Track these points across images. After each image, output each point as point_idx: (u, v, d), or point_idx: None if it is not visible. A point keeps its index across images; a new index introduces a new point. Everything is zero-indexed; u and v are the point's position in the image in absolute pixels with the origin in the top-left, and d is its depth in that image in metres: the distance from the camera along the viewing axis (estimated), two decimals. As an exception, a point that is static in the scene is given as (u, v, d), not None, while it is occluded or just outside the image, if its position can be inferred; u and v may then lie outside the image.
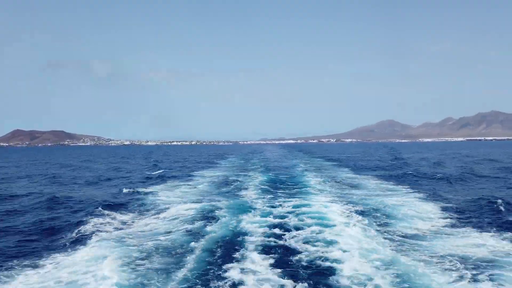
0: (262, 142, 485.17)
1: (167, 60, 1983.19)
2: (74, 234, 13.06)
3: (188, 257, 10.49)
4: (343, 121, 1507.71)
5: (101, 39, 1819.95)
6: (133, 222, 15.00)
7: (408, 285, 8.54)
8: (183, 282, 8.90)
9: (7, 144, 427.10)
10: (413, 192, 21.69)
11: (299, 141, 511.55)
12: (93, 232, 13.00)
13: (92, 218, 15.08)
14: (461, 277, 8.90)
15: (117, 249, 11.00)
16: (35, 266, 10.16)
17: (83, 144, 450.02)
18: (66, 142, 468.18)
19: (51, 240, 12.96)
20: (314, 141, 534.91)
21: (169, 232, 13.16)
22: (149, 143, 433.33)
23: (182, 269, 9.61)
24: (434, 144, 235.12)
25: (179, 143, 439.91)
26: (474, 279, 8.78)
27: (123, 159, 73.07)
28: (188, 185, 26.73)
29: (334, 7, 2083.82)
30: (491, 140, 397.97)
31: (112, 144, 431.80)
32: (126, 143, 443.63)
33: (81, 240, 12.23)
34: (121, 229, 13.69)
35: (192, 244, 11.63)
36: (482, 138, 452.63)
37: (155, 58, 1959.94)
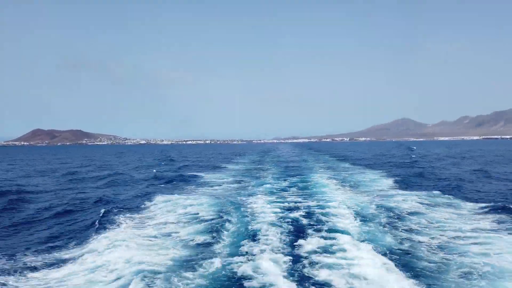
0: (275, 141, 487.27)
1: (183, 60, 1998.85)
2: (90, 232, 13.15)
3: (204, 254, 10.61)
4: (357, 119, 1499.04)
5: (118, 39, 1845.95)
6: (151, 219, 15.04)
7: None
8: (201, 279, 8.91)
9: (27, 143, 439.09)
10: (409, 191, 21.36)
11: (312, 140, 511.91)
12: (107, 231, 13.01)
13: (110, 216, 15.16)
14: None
15: (133, 248, 11.01)
16: (53, 264, 10.33)
17: (100, 143, 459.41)
18: (84, 141, 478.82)
19: (69, 237, 13.27)
20: (328, 140, 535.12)
21: (186, 230, 13.28)
22: (164, 142, 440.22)
23: (198, 268, 9.56)
24: (449, 143, 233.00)
25: (193, 142, 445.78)
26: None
27: (159, 156, 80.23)
28: (207, 181, 28.43)
29: (349, 2, 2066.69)
30: (509, 138, 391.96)
31: (128, 143, 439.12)
32: (141, 142, 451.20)
33: (96, 238, 12.20)
34: (137, 227, 13.68)
35: (209, 240, 11.99)
36: (499, 136, 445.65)
37: (171, 58, 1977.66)
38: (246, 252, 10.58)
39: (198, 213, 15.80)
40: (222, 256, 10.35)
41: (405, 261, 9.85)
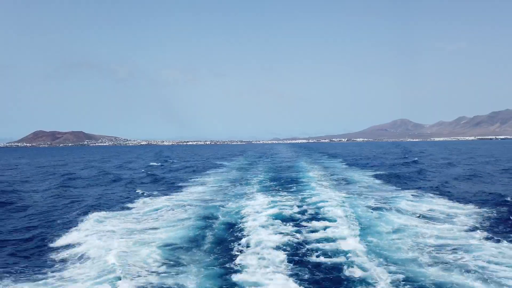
0: (274, 141, 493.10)
1: (183, 61, 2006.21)
2: (75, 232, 13.23)
3: (195, 252, 10.92)
4: (356, 120, 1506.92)
5: (118, 40, 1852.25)
6: (140, 218, 15.48)
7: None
8: (191, 277, 9.04)
9: (30, 145, 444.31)
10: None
11: (310, 141, 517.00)
12: (94, 230, 13.29)
13: (95, 215, 15.51)
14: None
15: (122, 245, 11.24)
16: (37, 265, 10.34)
17: (102, 144, 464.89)
18: (86, 142, 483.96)
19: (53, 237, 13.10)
20: (326, 140, 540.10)
21: (176, 227, 13.62)
22: (165, 143, 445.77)
23: (188, 266, 9.77)
24: (444, 143, 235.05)
25: (194, 143, 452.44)
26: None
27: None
28: (197, 181, 29.12)
29: (347, 4, 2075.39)
30: (503, 139, 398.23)
31: (130, 144, 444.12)
32: (142, 143, 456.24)
33: (81, 239, 12.34)
34: (127, 227, 13.93)
35: (200, 237, 12.33)
36: (493, 137, 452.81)
37: (171, 59, 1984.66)
38: (235, 252, 10.76)
39: (185, 213, 16.14)
40: (207, 258, 10.40)
41: (395, 259, 9.97)
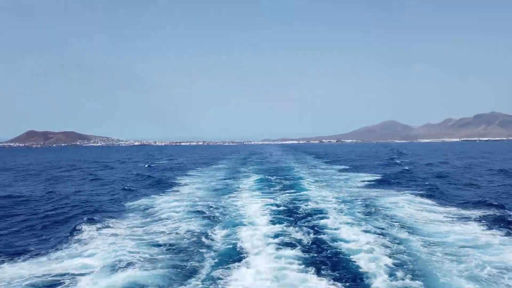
0: (265, 142, 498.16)
1: (176, 63, 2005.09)
2: (68, 237, 13.02)
3: (190, 253, 11.02)
4: (346, 121, 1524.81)
5: (109, 41, 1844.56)
6: (131, 223, 15.10)
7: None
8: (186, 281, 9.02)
9: (23, 145, 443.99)
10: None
11: (301, 142, 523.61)
12: (84, 235, 13.07)
13: (87, 220, 15.17)
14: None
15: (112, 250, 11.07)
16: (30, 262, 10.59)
17: (94, 144, 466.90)
18: (78, 143, 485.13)
19: (48, 238, 13.29)
20: (316, 141, 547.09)
21: (169, 233, 13.35)
22: (158, 144, 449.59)
23: (183, 268, 9.79)
24: (429, 144, 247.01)
25: (186, 144, 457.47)
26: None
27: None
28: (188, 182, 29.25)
29: (336, 7, 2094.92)
30: (486, 140, 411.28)
31: (122, 145, 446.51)
32: (135, 143, 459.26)
33: (74, 243, 12.24)
34: (116, 233, 13.47)
35: (194, 239, 12.33)
36: (477, 138, 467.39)
37: (165, 61, 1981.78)
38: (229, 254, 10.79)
39: (173, 215, 16.30)
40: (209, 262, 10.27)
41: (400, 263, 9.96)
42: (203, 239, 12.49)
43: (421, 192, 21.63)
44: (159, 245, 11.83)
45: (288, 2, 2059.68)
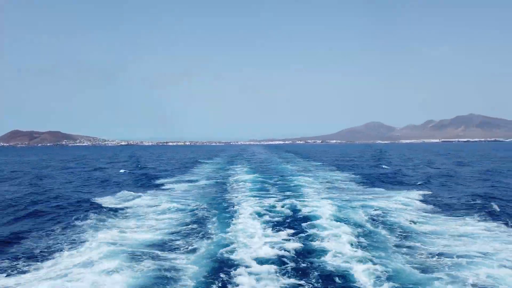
0: (252, 142, 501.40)
1: (163, 61, 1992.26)
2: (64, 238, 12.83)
3: (180, 256, 10.79)
4: (332, 122, 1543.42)
5: (97, 40, 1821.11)
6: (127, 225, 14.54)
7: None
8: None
9: (7, 144, 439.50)
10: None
11: (286, 142, 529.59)
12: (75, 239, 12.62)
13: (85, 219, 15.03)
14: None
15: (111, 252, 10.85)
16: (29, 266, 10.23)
17: (81, 144, 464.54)
18: (64, 142, 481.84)
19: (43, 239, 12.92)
20: (301, 142, 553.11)
21: (159, 235, 13.04)
22: (145, 144, 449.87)
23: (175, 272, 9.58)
24: (410, 145, 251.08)
25: (174, 144, 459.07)
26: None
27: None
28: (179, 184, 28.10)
29: (325, 7, 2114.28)
30: (465, 141, 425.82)
31: (109, 145, 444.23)
32: (122, 143, 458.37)
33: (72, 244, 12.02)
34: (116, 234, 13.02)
35: (187, 243, 12.08)
36: (456, 139, 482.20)
37: (151, 60, 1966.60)
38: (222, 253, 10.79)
39: (163, 215, 16.17)
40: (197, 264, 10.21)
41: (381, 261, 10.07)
42: (191, 239, 12.56)
43: (412, 192, 21.98)
44: (145, 245, 11.80)
45: (274, 3, 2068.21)
